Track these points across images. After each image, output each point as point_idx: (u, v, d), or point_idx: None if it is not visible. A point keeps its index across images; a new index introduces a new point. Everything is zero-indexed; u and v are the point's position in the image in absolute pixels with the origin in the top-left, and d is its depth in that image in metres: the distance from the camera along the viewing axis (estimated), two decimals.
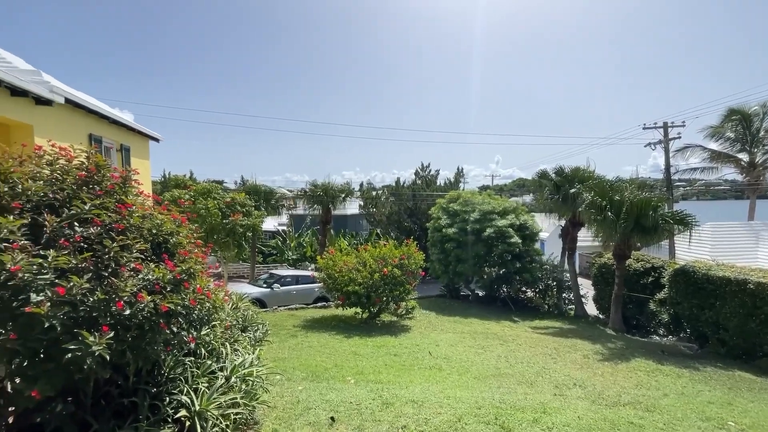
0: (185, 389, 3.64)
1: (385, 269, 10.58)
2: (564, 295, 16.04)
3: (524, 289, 16.53)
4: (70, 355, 2.50)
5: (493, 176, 50.41)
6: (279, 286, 14.40)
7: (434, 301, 16.04)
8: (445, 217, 16.48)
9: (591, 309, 15.07)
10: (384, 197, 28.01)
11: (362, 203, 28.62)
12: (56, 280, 2.62)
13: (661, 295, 11.93)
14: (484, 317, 13.21)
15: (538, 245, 16.87)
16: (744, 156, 23.02)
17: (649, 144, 22.58)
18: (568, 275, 15.61)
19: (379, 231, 25.40)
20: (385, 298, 10.78)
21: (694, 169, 25.06)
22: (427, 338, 9.72)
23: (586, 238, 17.06)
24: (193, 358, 4.10)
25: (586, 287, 15.82)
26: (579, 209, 13.30)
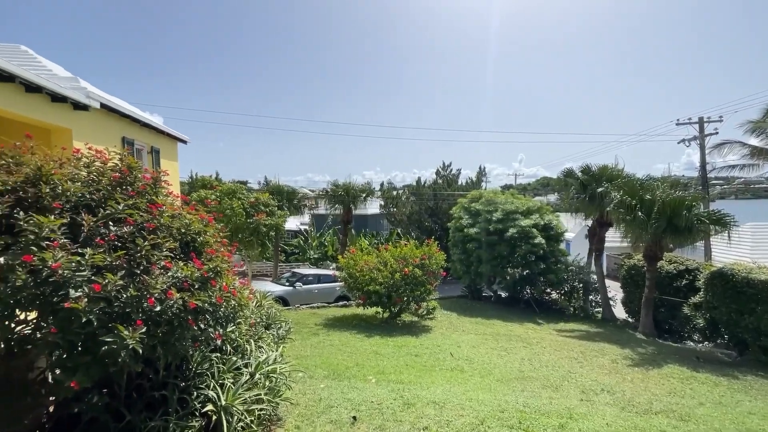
0: (212, 384, 3.75)
1: (406, 269, 10.55)
2: (590, 297, 15.58)
3: (549, 290, 16.15)
4: (106, 348, 2.62)
5: (516, 175, 49.31)
6: (301, 284, 14.61)
7: (455, 302, 15.87)
8: (467, 216, 16.30)
9: (619, 312, 14.57)
10: (404, 197, 27.97)
11: (383, 203, 28.67)
12: (92, 277, 2.75)
13: (696, 298, 11.42)
14: (506, 319, 12.98)
15: (563, 246, 16.42)
16: None
17: (683, 140, 21.62)
18: (595, 277, 15.17)
19: (399, 231, 25.35)
20: (405, 298, 10.76)
21: (733, 167, 23.61)
22: (448, 339, 9.64)
23: (614, 239, 16.49)
24: (219, 354, 4.21)
25: (614, 289, 15.30)
26: (607, 209, 12.92)
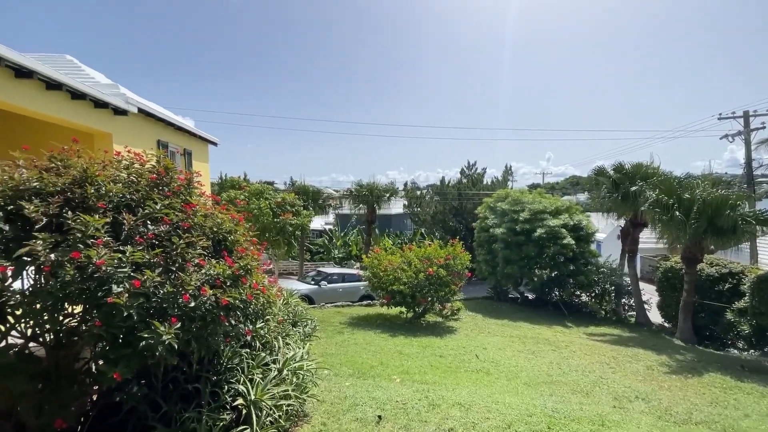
0: (241, 379, 3.87)
1: (430, 269, 10.49)
2: (623, 300, 14.96)
3: (578, 292, 15.61)
4: (144, 342, 2.76)
5: (543, 174, 48.16)
6: (326, 283, 14.81)
7: (481, 303, 15.64)
8: (493, 216, 16.02)
9: (655, 316, 13.91)
10: (428, 196, 27.83)
11: (406, 203, 28.64)
12: (132, 274, 2.89)
13: (740, 304, 10.72)
14: (534, 321, 12.66)
15: (593, 247, 15.86)
16: None
17: (726, 136, 20.33)
18: (628, 279, 14.55)
19: (423, 231, 25.23)
20: (430, 299, 10.70)
21: None
22: (473, 341, 9.51)
23: (648, 240, 15.77)
24: (248, 350, 4.34)
25: (649, 293, 14.63)
26: (641, 208, 12.35)
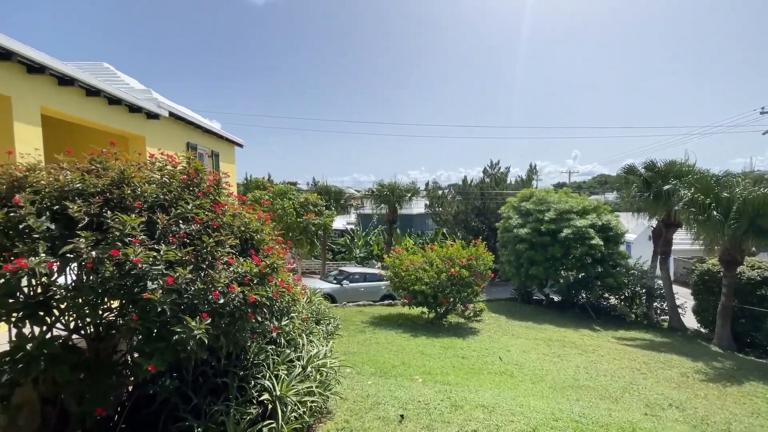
0: (267, 374, 3.96)
1: (453, 269, 10.40)
2: (655, 304, 14.37)
3: (607, 295, 15.10)
4: (177, 336, 2.88)
5: (570, 173, 46.50)
6: (348, 282, 14.93)
7: (504, 305, 15.38)
8: (517, 216, 15.70)
9: (689, 321, 13.29)
10: (450, 196, 27.60)
11: (428, 202, 28.50)
12: (165, 271, 3.03)
13: None
14: (560, 324, 12.34)
15: (623, 248, 15.29)
16: None
17: None
18: (660, 282, 13.96)
19: (445, 231, 25.04)
20: (452, 299, 10.61)
21: None
22: (497, 342, 9.37)
23: (682, 241, 15.10)
24: (273, 347, 4.44)
25: (683, 296, 14.00)
26: (675, 208, 11.83)
